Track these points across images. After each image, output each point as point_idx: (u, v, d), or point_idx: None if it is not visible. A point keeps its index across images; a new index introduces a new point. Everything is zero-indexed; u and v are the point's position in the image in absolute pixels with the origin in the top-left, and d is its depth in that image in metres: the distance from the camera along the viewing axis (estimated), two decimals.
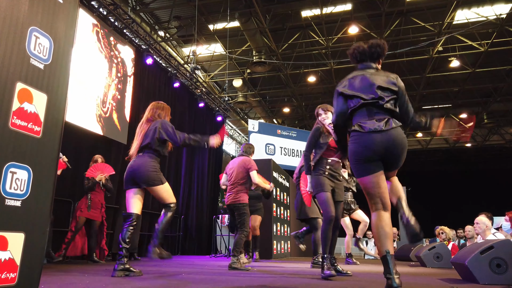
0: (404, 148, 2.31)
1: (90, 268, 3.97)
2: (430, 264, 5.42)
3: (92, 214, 4.99)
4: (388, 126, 2.28)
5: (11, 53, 1.73)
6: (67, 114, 5.13)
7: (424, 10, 9.91)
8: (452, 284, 2.85)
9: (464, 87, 13.43)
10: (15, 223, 1.71)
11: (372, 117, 2.34)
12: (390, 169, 2.40)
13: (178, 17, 10.23)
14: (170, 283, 2.61)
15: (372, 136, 2.27)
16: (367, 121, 2.33)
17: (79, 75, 6.04)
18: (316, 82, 13.31)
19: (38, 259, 1.82)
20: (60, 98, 1.99)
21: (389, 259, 2.16)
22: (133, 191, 3.25)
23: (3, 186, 1.66)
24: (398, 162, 2.35)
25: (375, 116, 2.34)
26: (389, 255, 2.16)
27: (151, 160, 3.25)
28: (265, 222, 7.37)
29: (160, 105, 3.53)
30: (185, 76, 9.37)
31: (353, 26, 10.31)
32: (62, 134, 1.99)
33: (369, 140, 2.28)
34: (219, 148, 11.34)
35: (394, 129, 2.29)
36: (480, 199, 18.05)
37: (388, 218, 2.29)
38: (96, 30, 6.56)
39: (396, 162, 2.35)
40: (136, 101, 7.50)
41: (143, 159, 3.24)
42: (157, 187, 3.21)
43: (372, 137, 2.27)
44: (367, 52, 2.53)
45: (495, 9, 9.77)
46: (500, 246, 2.99)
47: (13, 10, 1.76)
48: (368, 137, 2.28)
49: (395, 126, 2.29)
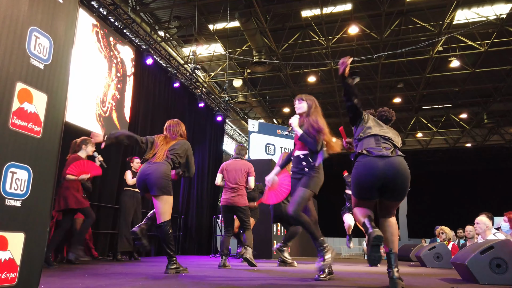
0: (406, 177, 2.42)
1: (90, 268, 3.96)
2: (430, 264, 5.42)
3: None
4: (394, 153, 2.45)
5: (11, 53, 1.73)
6: (67, 114, 5.14)
7: (424, 10, 9.91)
8: (452, 284, 2.85)
9: (464, 87, 13.43)
10: (15, 223, 1.71)
11: (379, 144, 2.50)
12: (390, 199, 2.49)
13: (178, 17, 10.23)
14: (170, 283, 2.61)
15: (377, 160, 2.41)
16: (375, 147, 2.49)
17: (79, 75, 6.04)
18: (316, 82, 13.31)
19: (38, 259, 1.82)
20: (60, 98, 1.99)
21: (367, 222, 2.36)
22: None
23: (3, 186, 1.66)
24: (399, 192, 2.44)
25: (382, 144, 2.50)
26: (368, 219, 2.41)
27: (168, 168, 3.38)
28: (265, 222, 7.37)
29: (177, 122, 3.75)
30: (185, 76, 9.37)
31: (353, 26, 10.31)
32: (62, 134, 1.99)
33: (374, 164, 2.40)
34: (219, 148, 11.34)
35: (399, 157, 2.45)
36: (480, 199, 18.06)
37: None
38: (96, 30, 6.56)
39: (397, 190, 2.43)
40: (136, 101, 7.50)
41: (160, 165, 3.36)
42: (165, 196, 3.30)
43: (376, 161, 2.40)
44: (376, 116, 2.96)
45: (495, 9, 9.78)
46: (500, 246, 2.99)
47: (13, 10, 1.76)
48: (373, 161, 2.42)
49: (400, 155, 2.47)
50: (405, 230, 17.90)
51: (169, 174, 3.39)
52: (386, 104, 15.47)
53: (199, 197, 9.53)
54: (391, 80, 13.52)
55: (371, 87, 14.00)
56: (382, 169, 2.37)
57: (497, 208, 9.38)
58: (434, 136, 18.17)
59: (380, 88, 13.77)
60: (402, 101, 14.99)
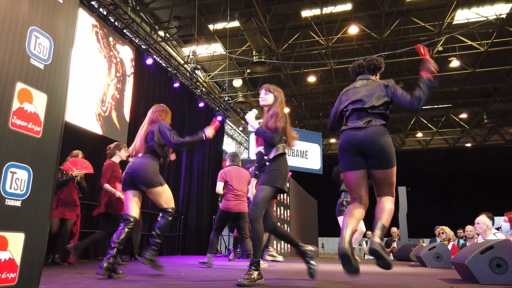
0: (382, 145, 2.55)
1: (90, 268, 3.96)
2: (430, 264, 5.42)
3: (65, 213, 4.57)
4: (367, 124, 2.58)
5: (11, 53, 1.73)
6: (67, 113, 5.13)
7: (424, 10, 9.91)
8: (452, 284, 2.85)
9: (464, 87, 13.44)
10: (15, 223, 1.71)
11: (360, 119, 2.64)
12: (374, 166, 2.61)
13: (178, 17, 10.23)
14: (170, 283, 2.61)
15: (352, 131, 2.60)
16: (354, 121, 2.65)
17: (78, 74, 6.04)
18: (316, 82, 13.31)
19: (38, 259, 1.82)
20: (60, 98, 1.99)
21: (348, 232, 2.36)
22: (131, 193, 3.19)
23: (3, 186, 1.66)
24: (380, 158, 2.57)
25: (363, 118, 2.63)
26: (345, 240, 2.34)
27: (150, 161, 3.22)
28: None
29: (162, 108, 3.52)
30: (185, 76, 9.37)
31: (353, 26, 10.31)
32: (62, 134, 1.99)
33: (348, 135, 2.61)
34: (219, 148, 11.34)
35: (373, 127, 2.57)
36: (480, 199, 18.06)
37: (360, 211, 2.56)
38: (96, 30, 6.56)
39: (377, 157, 2.57)
40: (136, 101, 7.50)
41: (142, 160, 3.22)
42: (156, 188, 3.16)
43: (352, 132, 2.60)
44: (364, 65, 2.91)
45: (495, 9, 9.78)
46: (500, 246, 2.99)
47: (13, 10, 1.76)
48: (349, 132, 2.62)
49: (375, 125, 2.58)
50: (405, 230, 17.88)
51: (155, 166, 3.23)
52: None
53: (199, 197, 9.52)
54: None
55: None
56: (358, 138, 2.57)
57: (497, 208, 9.38)
58: (434, 136, 18.17)
59: None
60: None
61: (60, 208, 4.57)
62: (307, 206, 12.06)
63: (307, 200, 12.18)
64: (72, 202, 4.70)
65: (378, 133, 2.56)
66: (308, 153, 12.19)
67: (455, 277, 3.49)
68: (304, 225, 11.22)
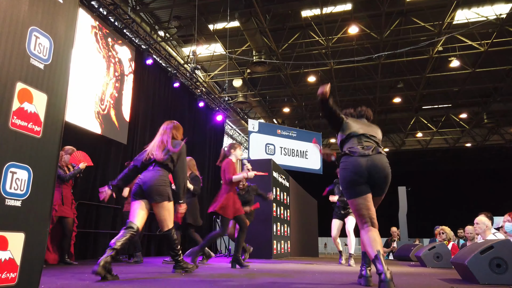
0: (387, 173, 2.60)
1: (90, 268, 3.96)
2: (430, 264, 5.42)
3: (65, 212, 4.53)
4: (374, 152, 2.61)
5: (11, 53, 1.73)
6: (66, 113, 5.13)
7: (424, 10, 9.91)
8: (452, 284, 2.85)
9: (464, 87, 13.43)
10: (15, 223, 1.71)
11: (360, 144, 2.68)
12: (374, 194, 2.65)
13: (178, 17, 10.22)
14: (170, 283, 2.61)
15: (359, 159, 2.59)
16: (357, 147, 2.67)
17: (77, 74, 6.04)
18: (316, 82, 13.30)
19: (38, 259, 1.82)
20: (60, 98, 1.99)
21: (380, 257, 2.32)
22: (139, 203, 3.19)
23: (3, 186, 1.66)
24: (380, 186, 2.62)
25: (363, 143, 2.68)
26: (380, 254, 2.34)
27: (163, 174, 3.25)
28: (265, 222, 7.37)
29: (177, 125, 3.55)
30: (185, 76, 9.37)
31: (353, 26, 10.31)
32: (62, 134, 1.99)
33: (356, 163, 2.59)
34: (219, 148, 11.33)
35: (379, 154, 2.62)
36: (480, 199, 18.05)
37: (377, 232, 2.54)
38: (95, 31, 6.57)
39: (380, 185, 2.62)
40: (136, 101, 7.50)
41: (155, 173, 3.23)
42: (164, 203, 3.19)
43: (359, 160, 2.59)
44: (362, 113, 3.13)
45: (495, 9, 9.77)
46: (500, 246, 2.99)
47: (13, 10, 1.76)
48: (356, 160, 2.60)
49: (381, 153, 2.64)
50: (405, 230, 17.89)
51: (166, 179, 3.27)
52: (386, 104, 15.48)
53: (199, 197, 9.51)
54: (391, 80, 13.51)
55: (371, 87, 13.99)
56: (365, 166, 2.57)
57: (497, 208, 9.39)
58: (434, 136, 18.17)
59: (380, 88, 13.77)
60: (402, 101, 14.99)
61: (62, 207, 4.54)
62: (307, 206, 12.06)
63: (307, 200, 12.18)
64: (70, 200, 4.67)
65: (385, 161, 2.64)
66: (308, 153, 12.20)
67: (455, 277, 3.49)
68: (304, 225, 11.22)
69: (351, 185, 2.60)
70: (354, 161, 2.60)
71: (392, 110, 16.07)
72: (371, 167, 2.56)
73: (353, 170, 2.58)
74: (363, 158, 2.58)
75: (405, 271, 4.36)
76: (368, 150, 2.61)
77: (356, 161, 2.59)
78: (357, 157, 2.60)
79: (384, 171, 2.58)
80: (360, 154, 2.60)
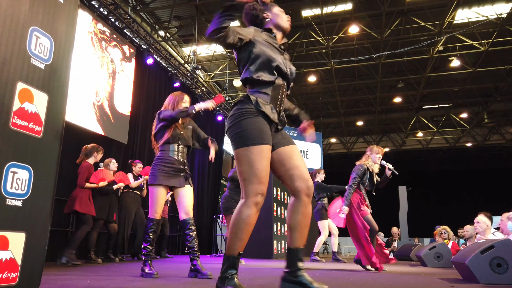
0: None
1: (90, 268, 3.97)
2: (430, 263, 5.43)
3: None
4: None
5: (12, 53, 1.73)
6: (67, 113, 5.14)
7: (425, 10, 9.91)
8: (453, 284, 2.85)
9: (464, 86, 13.43)
10: (16, 223, 1.71)
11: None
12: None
13: (179, 16, 10.23)
14: (171, 283, 2.61)
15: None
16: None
17: (77, 74, 6.05)
18: (316, 81, 13.31)
19: (39, 259, 1.82)
20: (60, 98, 1.99)
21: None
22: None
23: (4, 186, 1.66)
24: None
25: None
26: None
27: (156, 157, 3.25)
28: (266, 222, 7.37)
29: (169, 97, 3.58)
30: (186, 76, 9.37)
31: (353, 26, 10.31)
32: (63, 134, 1.99)
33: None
34: (220, 148, 11.33)
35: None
36: (480, 199, 18.05)
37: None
38: (94, 31, 6.57)
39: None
40: (136, 100, 7.50)
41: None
42: (149, 188, 3.18)
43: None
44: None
45: (495, 9, 9.77)
46: (500, 245, 2.99)
47: (14, 10, 1.76)
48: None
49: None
50: (405, 230, 17.88)
51: (155, 162, 3.22)
52: (386, 104, 15.48)
53: (199, 197, 9.53)
54: (392, 79, 13.51)
55: (371, 86, 13.99)
56: None
57: (497, 208, 9.38)
58: (435, 135, 18.17)
59: (380, 87, 13.76)
60: (403, 101, 14.99)
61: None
62: None
63: None
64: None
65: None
66: (309, 153, 12.20)
67: (456, 277, 3.49)
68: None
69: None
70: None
71: (392, 109, 16.08)
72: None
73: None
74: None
75: (406, 271, 4.36)
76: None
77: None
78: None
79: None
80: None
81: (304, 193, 1.90)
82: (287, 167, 1.94)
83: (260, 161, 1.83)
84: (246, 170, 1.84)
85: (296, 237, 1.91)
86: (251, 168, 1.82)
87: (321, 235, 6.44)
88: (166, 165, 3.16)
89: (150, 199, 3.13)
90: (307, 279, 1.84)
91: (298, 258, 1.90)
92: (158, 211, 3.12)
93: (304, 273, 1.87)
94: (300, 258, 1.90)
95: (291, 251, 1.92)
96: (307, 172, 1.97)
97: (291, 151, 1.98)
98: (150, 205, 3.13)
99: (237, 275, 1.83)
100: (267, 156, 1.86)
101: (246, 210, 1.85)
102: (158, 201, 3.11)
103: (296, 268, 1.87)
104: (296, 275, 1.86)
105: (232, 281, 1.78)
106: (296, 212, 1.91)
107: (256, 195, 1.83)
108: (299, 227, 1.91)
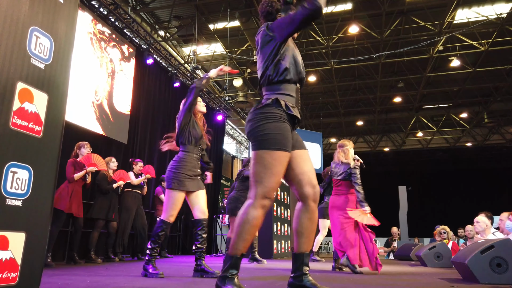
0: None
1: (90, 268, 3.97)
2: (430, 263, 5.42)
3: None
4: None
5: (12, 53, 1.73)
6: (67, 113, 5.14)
7: (425, 10, 9.90)
8: (453, 284, 2.85)
9: (464, 86, 13.43)
10: (16, 223, 1.71)
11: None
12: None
13: (178, 16, 10.22)
14: (171, 283, 2.61)
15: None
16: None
17: (76, 73, 6.05)
18: (316, 81, 13.31)
19: (39, 259, 1.82)
20: (60, 97, 1.99)
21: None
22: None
23: (4, 185, 1.66)
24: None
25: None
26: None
27: (175, 158, 3.23)
28: (266, 222, 7.37)
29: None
30: (186, 75, 9.37)
31: (353, 26, 10.30)
32: (62, 134, 1.99)
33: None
34: (219, 148, 11.33)
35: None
36: (480, 199, 18.05)
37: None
38: (93, 31, 6.57)
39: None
40: (136, 100, 7.50)
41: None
42: (167, 190, 3.17)
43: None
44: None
45: (495, 9, 9.77)
46: (500, 245, 2.99)
47: (14, 10, 1.76)
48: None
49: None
50: (405, 230, 17.87)
51: (173, 164, 3.19)
52: (386, 104, 15.48)
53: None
54: (392, 79, 13.51)
55: (371, 86, 13.99)
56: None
57: (497, 207, 9.38)
58: (435, 135, 18.16)
59: (380, 87, 13.76)
60: (403, 101, 14.99)
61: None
62: None
63: None
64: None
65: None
66: (309, 153, 12.17)
67: (456, 277, 3.49)
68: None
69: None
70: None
71: (392, 109, 16.07)
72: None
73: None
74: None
75: (406, 271, 4.36)
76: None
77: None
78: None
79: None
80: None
81: (312, 199, 1.94)
82: (297, 171, 1.98)
83: (277, 166, 1.87)
84: (261, 172, 1.86)
85: (303, 242, 1.95)
86: (266, 171, 1.85)
87: (319, 234, 6.39)
88: (191, 170, 3.19)
89: (168, 201, 3.13)
90: (311, 282, 1.90)
91: (304, 263, 1.94)
92: (174, 214, 3.14)
93: (309, 276, 1.92)
94: (306, 263, 1.95)
95: (298, 256, 1.96)
96: (315, 178, 2.01)
97: (302, 155, 2.02)
98: (166, 208, 3.13)
99: (237, 275, 1.84)
100: (284, 164, 1.90)
101: (253, 211, 1.86)
102: (176, 206, 3.12)
103: (302, 273, 1.92)
104: (301, 280, 1.91)
105: (233, 281, 1.80)
106: (303, 218, 1.95)
107: (265, 198, 1.86)
108: (306, 232, 1.95)
